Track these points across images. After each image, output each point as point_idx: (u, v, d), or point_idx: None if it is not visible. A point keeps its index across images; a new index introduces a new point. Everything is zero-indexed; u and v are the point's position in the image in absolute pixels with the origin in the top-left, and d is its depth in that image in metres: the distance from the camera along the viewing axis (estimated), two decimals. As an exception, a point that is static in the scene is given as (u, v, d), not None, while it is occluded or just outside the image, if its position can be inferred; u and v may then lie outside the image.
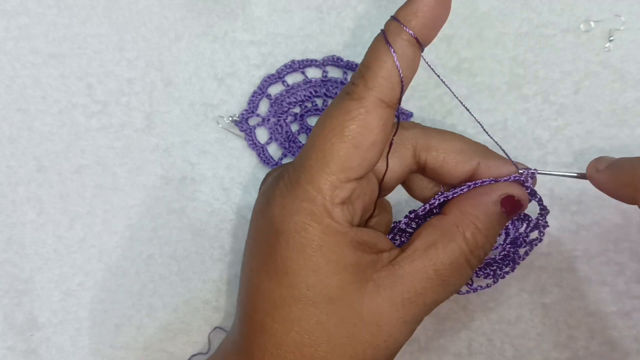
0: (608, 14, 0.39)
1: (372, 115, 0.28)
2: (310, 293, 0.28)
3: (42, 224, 0.40)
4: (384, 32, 0.28)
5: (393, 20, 0.28)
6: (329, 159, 0.28)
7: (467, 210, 0.30)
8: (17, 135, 0.40)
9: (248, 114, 0.39)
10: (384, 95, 0.28)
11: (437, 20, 0.29)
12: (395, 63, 0.28)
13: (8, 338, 0.40)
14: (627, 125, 0.38)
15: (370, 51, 0.29)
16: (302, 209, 0.28)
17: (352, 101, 0.28)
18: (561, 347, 0.38)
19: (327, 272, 0.28)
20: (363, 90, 0.28)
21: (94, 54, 0.40)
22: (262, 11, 0.39)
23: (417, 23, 0.28)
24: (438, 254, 0.29)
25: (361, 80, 0.28)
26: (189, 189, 0.40)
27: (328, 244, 0.28)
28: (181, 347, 0.40)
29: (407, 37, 0.28)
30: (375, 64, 0.28)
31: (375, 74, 0.28)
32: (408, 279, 0.29)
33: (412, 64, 0.28)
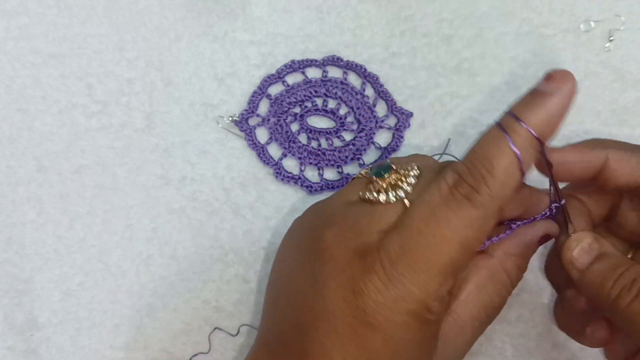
0: (608, 14, 0.39)
1: (492, 223, 0.27)
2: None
3: (42, 224, 0.40)
4: (507, 132, 0.27)
5: (516, 120, 0.27)
6: (439, 264, 0.27)
7: (511, 252, 0.31)
8: (17, 135, 0.40)
9: (248, 114, 0.39)
10: (504, 204, 0.27)
11: (561, 120, 0.28)
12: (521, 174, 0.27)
13: (8, 338, 0.40)
14: (627, 125, 0.38)
15: (491, 149, 0.27)
16: (403, 309, 0.27)
17: (473, 210, 0.27)
18: (561, 347, 0.38)
19: (414, 354, 0.28)
20: (489, 202, 0.27)
21: (94, 54, 0.40)
22: (262, 11, 0.39)
23: (543, 125, 0.27)
24: (490, 297, 0.30)
25: (485, 189, 0.27)
26: (189, 189, 0.40)
27: (420, 332, 0.28)
28: (181, 347, 0.40)
29: (530, 138, 0.27)
30: (500, 168, 0.27)
31: (502, 184, 0.27)
32: (466, 325, 0.30)
33: (530, 161, 0.27)
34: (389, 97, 0.39)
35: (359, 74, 0.40)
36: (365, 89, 0.40)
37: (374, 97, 0.40)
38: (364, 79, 0.39)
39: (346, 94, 0.39)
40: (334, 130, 0.39)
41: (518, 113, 0.27)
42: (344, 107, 0.40)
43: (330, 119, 0.40)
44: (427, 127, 0.39)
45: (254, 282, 0.39)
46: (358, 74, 0.40)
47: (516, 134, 0.27)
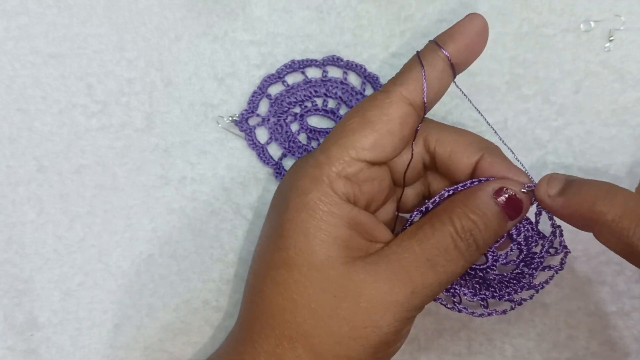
0: (608, 14, 0.39)
1: (394, 106, 0.30)
2: (297, 257, 0.29)
3: (42, 224, 0.40)
4: (418, 53, 0.31)
5: (432, 42, 0.31)
6: (345, 135, 0.30)
7: (457, 199, 0.31)
8: (17, 135, 0.40)
9: (248, 114, 0.39)
10: (409, 93, 0.30)
11: (473, 49, 0.31)
12: (422, 71, 0.30)
13: (8, 338, 0.40)
14: (627, 125, 0.38)
15: (410, 60, 0.31)
16: (309, 174, 0.29)
17: (379, 92, 0.30)
18: (561, 347, 0.38)
19: (316, 239, 0.29)
20: (390, 85, 0.30)
21: (94, 54, 0.40)
22: (262, 11, 0.39)
23: (454, 48, 0.30)
24: (425, 233, 0.30)
25: (391, 80, 0.31)
26: (189, 189, 0.40)
27: (323, 212, 0.29)
28: (181, 347, 0.40)
29: (442, 55, 0.30)
30: (406, 68, 0.31)
31: (404, 75, 0.30)
32: (395, 256, 0.29)
33: (441, 77, 0.31)
34: (389, 97, 0.39)
35: (359, 74, 0.40)
36: (365, 89, 0.40)
37: (374, 97, 0.40)
38: (364, 79, 0.39)
39: (346, 94, 0.39)
40: (334, 130, 0.39)
41: (436, 37, 0.31)
42: (344, 107, 0.40)
43: (330, 119, 0.40)
44: (427, 127, 0.39)
45: (254, 282, 0.39)
46: (358, 74, 0.40)
47: (425, 47, 0.31)
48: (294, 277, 0.29)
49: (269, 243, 0.30)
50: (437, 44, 0.30)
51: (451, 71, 0.31)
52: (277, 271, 0.29)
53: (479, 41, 0.31)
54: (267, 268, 0.30)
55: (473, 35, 0.31)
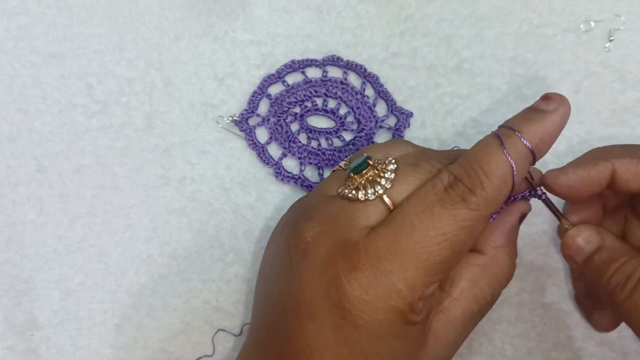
0: (608, 14, 0.39)
1: (482, 225, 0.28)
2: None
3: (42, 224, 0.40)
4: (502, 140, 0.28)
5: (513, 132, 0.28)
6: (429, 262, 0.27)
7: (499, 243, 0.31)
8: (17, 135, 0.40)
9: (248, 114, 0.39)
10: (497, 208, 0.28)
11: (555, 138, 0.29)
12: (513, 178, 0.28)
13: (8, 338, 0.39)
14: (627, 125, 0.38)
15: (488, 155, 0.28)
16: (389, 307, 0.27)
17: (468, 211, 0.27)
18: (561, 347, 0.38)
19: (403, 352, 0.28)
20: (483, 205, 0.27)
21: (94, 54, 0.40)
22: (262, 11, 0.39)
23: (539, 142, 0.28)
24: (483, 292, 0.30)
25: (480, 191, 0.27)
26: (189, 189, 0.40)
27: (406, 331, 0.28)
28: (181, 347, 0.40)
29: (524, 150, 0.28)
30: (497, 173, 0.27)
31: (497, 188, 0.27)
32: (457, 320, 0.30)
33: (523, 174, 0.28)
34: (389, 97, 0.39)
35: (359, 74, 0.40)
36: (365, 89, 0.40)
37: (374, 97, 0.40)
38: (364, 79, 0.39)
39: (346, 94, 0.39)
40: (334, 130, 0.39)
41: (515, 126, 0.28)
42: (344, 107, 0.40)
43: (330, 119, 0.40)
44: (427, 127, 0.39)
45: (254, 282, 0.39)
46: (358, 74, 0.40)
47: (512, 145, 0.28)
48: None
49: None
50: (514, 131, 0.28)
51: (531, 159, 0.28)
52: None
53: (560, 130, 0.29)
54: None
55: (556, 128, 0.29)
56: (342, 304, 0.27)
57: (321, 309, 0.28)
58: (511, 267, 0.32)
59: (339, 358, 0.28)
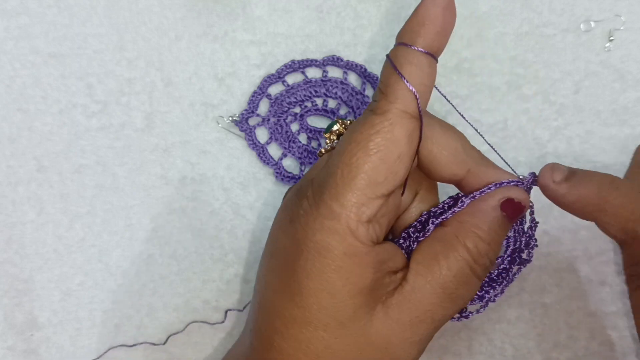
0: (608, 14, 0.39)
1: (397, 127, 0.27)
2: (322, 316, 0.28)
3: (42, 224, 0.40)
4: (389, 56, 0.28)
5: (400, 43, 0.28)
6: (354, 174, 0.27)
7: (466, 219, 0.29)
8: (17, 135, 0.40)
9: (248, 113, 0.39)
10: (407, 107, 0.28)
11: (446, 28, 0.28)
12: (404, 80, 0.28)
13: (8, 338, 0.40)
14: (627, 125, 0.39)
15: (385, 69, 0.29)
16: (325, 228, 0.27)
17: (375, 115, 0.28)
18: (561, 347, 0.38)
19: (343, 296, 0.27)
20: (385, 104, 0.28)
21: (94, 54, 0.40)
22: (262, 11, 0.39)
23: (425, 41, 0.28)
24: (441, 267, 0.28)
25: (382, 96, 0.28)
26: (189, 189, 0.40)
27: (348, 266, 0.27)
28: (181, 347, 0.40)
29: (418, 52, 0.28)
30: (388, 77, 0.28)
31: (394, 89, 0.28)
32: (415, 297, 0.28)
33: (427, 73, 0.28)
34: (389, 97, 0.39)
35: (359, 74, 0.40)
36: (365, 89, 0.40)
37: (374, 97, 0.40)
38: (364, 79, 0.39)
39: (346, 94, 0.39)
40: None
41: (404, 36, 0.28)
42: (344, 107, 0.40)
43: (330, 119, 0.40)
44: (427, 127, 0.39)
45: (254, 282, 0.39)
46: (358, 74, 0.40)
47: (406, 59, 0.28)
48: (318, 335, 0.28)
49: (283, 297, 0.28)
50: (406, 45, 0.28)
51: (432, 60, 0.28)
52: (298, 329, 0.28)
53: (449, 19, 0.28)
54: (284, 324, 0.28)
55: (439, 16, 0.28)
56: (291, 231, 0.28)
57: (277, 244, 0.30)
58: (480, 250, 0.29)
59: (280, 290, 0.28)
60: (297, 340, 0.28)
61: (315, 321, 0.28)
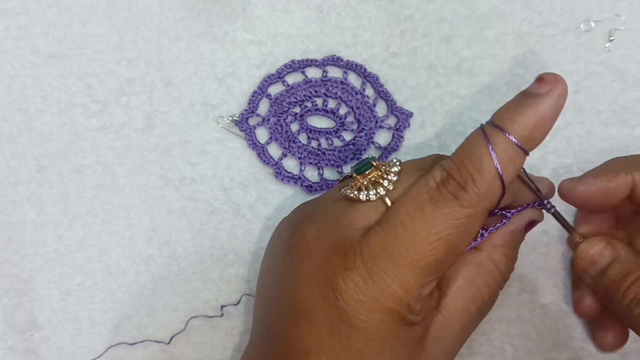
0: (608, 14, 0.39)
1: (477, 223, 0.27)
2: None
3: (42, 224, 0.40)
4: (487, 136, 0.27)
5: (493, 124, 0.27)
6: (424, 263, 0.26)
7: (497, 243, 0.31)
8: (17, 135, 0.40)
9: (248, 113, 0.39)
10: (492, 205, 0.27)
11: (547, 125, 0.27)
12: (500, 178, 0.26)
13: (8, 338, 0.39)
14: (627, 125, 0.38)
15: (479, 149, 0.27)
16: (386, 309, 0.27)
17: (461, 209, 0.26)
18: (561, 347, 0.38)
19: (400, 354, 0.28)
20: (474, 201, 0.26)
21: (94, 54, 0.40)
22: (262, 11, 0.39)
23: (521, 133, 0.27)
24: (479, 292, 0.30)
25: (472, 187, 0.26)
26: (189, 189, 0.40)
27: (404, 332, 0.28)
28: (181, 347, 0.40)
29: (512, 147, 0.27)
30: (488, 170, 0.26)
31: (488, 185, 0.26)
32: (455, 321, 0.29)
33: (515, 170, 0.27)
34: (389, 97, 0.39)
35: (359, 74, 0.40)
36: (365, 89, 0.40)
37: (374, 97, 0.40)
38: (364, 79, 0.39)
39: (346, 94, 0.39)
40: (334, 130, 0.39)
41: (501, 119, 0.27)
42: (344, 107, 0.40)
43: (330, 119, 0.40)
44: (427, 127, 0.39)
45: (254, 282, 0.39)
46: (358, 74, 0.40)
47: (498, 143, 0.26)
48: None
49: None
50: (502, 129, 0.26)
51: (522, 155, 0.27)
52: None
53: (556, 115, 0.27)
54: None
55: (549, 114, 0.27)
56: (338, 303, 0.27)
57: (317, 309, 0.27)
58: (507, 267, 0.31)
59: (334, 358, 0.27)
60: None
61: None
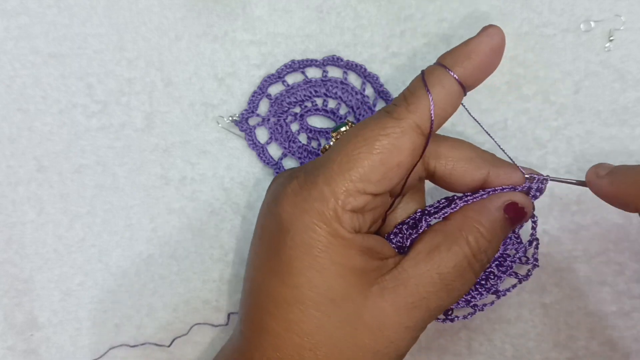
0: (608, 14, 0.39)
1: (406, 136, 0.28)
2: (313, 294, 0.28)
3: (42, 224, 0.40)
4: (424, 72, 0.29)
5: (439, 64, 0.29)
6: (352, 166, 0.28)
7: (471, 215, 0.30)
8: (17, 135, 0.40)
9: (248, 113, 0.39)
10: (422, 122, 0.28)
11: (488, 68, 0.29)
12: (429, 97, 0.28)
13: (8, 338, 0.40)
14: (627, 125, 0.39)
15: (416, 81, 0.29)
16: (313, 209, 0.28)
17: (390, 119, 0.28)
18: (561, 347, 0.38)
19: (332, 274, 0.28)
20: (403, 112, 0.28)
21: (94, 54, 0.40)
22: (262, 11, 0.39)
23: (463, 70, 0.29)
24: (441, 257, 0.29)
25: (404, 103, 0.29)
26: (189, 189, 0.40)
27: (335, 247, 0.28)
28: (181, 347, 0.40)
29: (451, 77, 0.29)
30: (414, 89, 0.29)
31: (413, 98, 0.29)
32: (412, 282, 0.29)
33: (451, 99, 0.29)
34: (389, 97, 0.39)
35: (359, 74, 0.40)
36: (365, 89, 0.40)
37: (374, 97, 0.40)
38: (364, 79, 0.39)
39: (346, 94, 0.39)
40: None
41: (441, 58, 0.29)
42: (344, 107, 0.40)
43: (330, 119, 0.40)
44: (427, 127, 0.39)
45: (254, 282, 0.39)
46: (358, 74, 0.40)
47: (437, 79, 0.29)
48: (310, 314, 0.28)
49: (273, 277, 0.29)
50: (445, 67, 0.29)
51: (461, 91, 0.29)
52: (289, 309, 0.28)
53: (493, 60, 0.29)
54: (275, 305, 0.29)
55: (486, 54, 0.29)
56: (276, 209, 0.29)
57: (264, 226, 0.30)
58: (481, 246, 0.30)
59: (269, 270, 0.29)
60: (288, 320, 0.28)
61: (307, 300, 0.28)
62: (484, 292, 0.33)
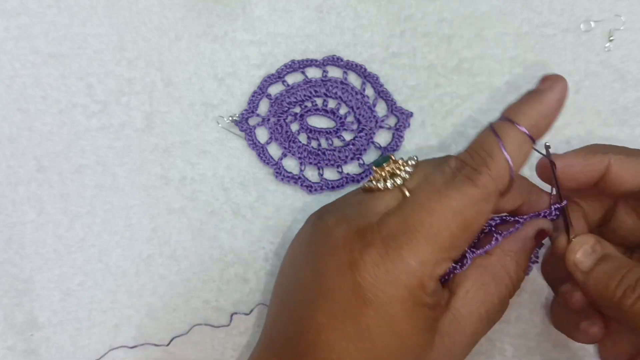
0: (608, 14, 0.39)
1: (490, 204, 0.29)
2: (386, 354, 0.28)
3: (42, 224, 0.40)
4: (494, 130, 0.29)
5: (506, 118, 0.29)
6: (439, 238, 0.28)
7: (509, 249, 0.31)
8: (17, 135, 0.40)
9: (248, 113, 0.39)
10: (503, 187, 0.29)
11: (552, 117, 0.30)
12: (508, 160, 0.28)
13: (8, 338, 0.39)
14: (627, 125, 0.38)
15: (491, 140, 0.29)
16: (400, 281, 0.28)
17: (475, 189, 0.28)
18: (561, 347, 0.38)
19: (409, 337, 0.28)
20: (488, 181, 0.28)
21: (94, 54, 0.40)
22: (262, 11, 0.39)
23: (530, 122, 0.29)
24: (488, 294, 0.30)
25: (485, 169, 0.28)
26: (189, 189, 0.40)
27: (417, 314, 0.28)
28: (181, 347, 0.40)
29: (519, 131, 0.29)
30: (500, 156, 0.29)
31: (498, 165, 0.28)
32: (465, 322, 0.30)
33: (526, 156, 0.29)
34: (389, 97, 0.39)
35: (359, 74, 0.40)
36: (365, 89, 0.40)
37: (374, 97, 0.40)
38: (364, 79, 0.39)
39: (346, 94, 0.39)
40: (334, 130, 0.39)
41: (510, 113, 0.30)
42: (344, 107, 0.40)
43: (330, 119, 0.40)
44: (427, 127, 0.39)
45: (253, 282, 0.39)
46: (358, 74, 0.40)
47: (508, 134, 0.29)
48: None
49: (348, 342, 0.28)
50: (512, 121, 0.29)
51: (531, 144, 0.29)
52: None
53: (559, 109, 0.30)
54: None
55: (552, 106, 0.29)
56: (354, 278, 0.28)
57: (334, 288, 0.29)
58: (518, 275, 0.32)
59: (344, 334, 0.28)
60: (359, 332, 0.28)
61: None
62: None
